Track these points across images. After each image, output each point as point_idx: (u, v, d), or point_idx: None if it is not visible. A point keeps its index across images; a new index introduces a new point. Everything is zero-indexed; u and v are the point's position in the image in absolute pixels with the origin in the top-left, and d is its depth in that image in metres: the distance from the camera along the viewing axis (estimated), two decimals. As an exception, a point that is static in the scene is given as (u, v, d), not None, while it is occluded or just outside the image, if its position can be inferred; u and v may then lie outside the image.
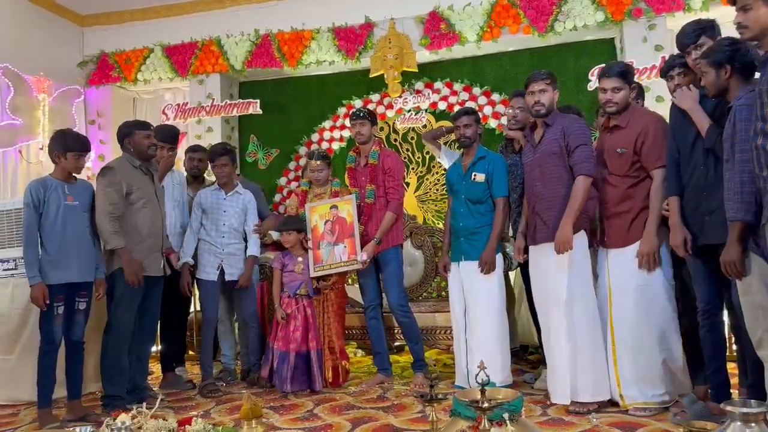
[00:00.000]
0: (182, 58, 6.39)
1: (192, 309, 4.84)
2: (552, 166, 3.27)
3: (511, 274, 4.55)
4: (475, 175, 3.75)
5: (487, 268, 3.63)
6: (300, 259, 4.04)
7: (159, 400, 2.76)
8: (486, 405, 1.87)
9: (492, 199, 3.72)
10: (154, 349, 4.46)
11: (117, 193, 3.54)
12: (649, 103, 4.59)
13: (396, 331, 4.37)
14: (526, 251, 3.55)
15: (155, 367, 4.64)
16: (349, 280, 5.17)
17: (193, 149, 4.75)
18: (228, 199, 4.23)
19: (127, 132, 3.71)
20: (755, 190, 2.26)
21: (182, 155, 4.92)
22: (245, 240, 4.24)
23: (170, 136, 4.25)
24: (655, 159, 3.06)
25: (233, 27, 6.29)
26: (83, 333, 3.54)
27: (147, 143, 3.69)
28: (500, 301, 3.69)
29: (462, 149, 3.92)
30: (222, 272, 4.15)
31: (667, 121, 3.14)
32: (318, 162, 4.15)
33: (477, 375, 1.93)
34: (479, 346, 3.59)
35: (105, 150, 6.58)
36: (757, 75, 2.49)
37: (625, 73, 3.20)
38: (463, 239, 3.75)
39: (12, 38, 5.86)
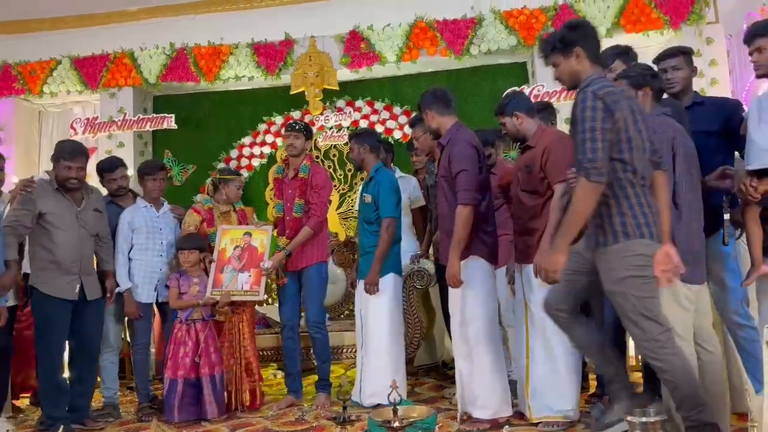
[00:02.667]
0: (92, 71, 6.13)
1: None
2: (444, 190, 3.33)
3: (433, 290, 4.61)
4: (364, 195, 3.90)
5: (370, 289, 3.72)
6: (196, 280, 3.87)
7: None
8: (397, 425, 1.87)
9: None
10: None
11: (27, 213, 3.47)
12: (560, 124, 4.81)
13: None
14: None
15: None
16: (269, 300, 5.09)
17: (112, 167, 4.20)
18: (161, 217, 4.07)
19: (54, 157, 3.66)
20: None
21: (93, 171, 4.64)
22: None
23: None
24: (556, 174, 3.13)
25: (148, 40, 6.11)
26: None
27: (65, 175, 3.60)
28: (390, 322, 3.76)
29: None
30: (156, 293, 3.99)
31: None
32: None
33: (389, 394, 1.93)
34: (370, 363, 3.70)
35: (7, 166, 6.16)
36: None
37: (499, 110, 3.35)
38: (361, 257, 3.91)
39: None
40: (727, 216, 2.77)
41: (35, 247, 3.60)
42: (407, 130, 5.63)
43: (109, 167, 4.18)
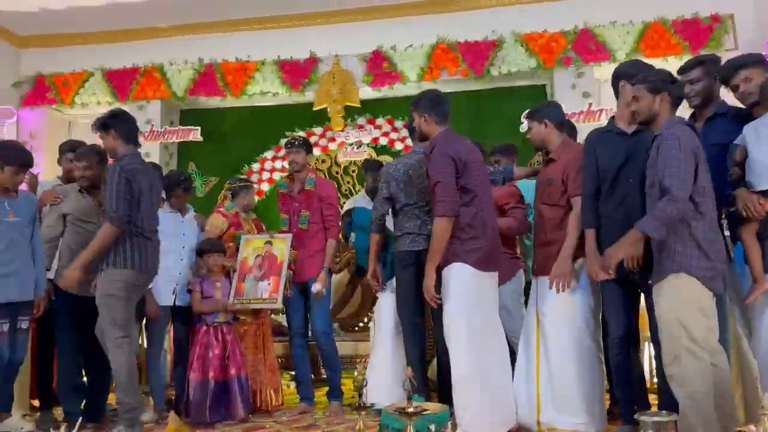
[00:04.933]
0: (123, 83, 6.34)
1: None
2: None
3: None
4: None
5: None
6: (218, 284, 3.92)
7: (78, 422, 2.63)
8: (411, 410, 1.91)
9: None
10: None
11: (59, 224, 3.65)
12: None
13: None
14: None
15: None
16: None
17: None
18: (186, 222, 4.17)
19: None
20: None
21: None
22: None
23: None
24: (576, 187, 3.17)
25: (177, 55, 6.31)
26: (24, 352, 3.42)
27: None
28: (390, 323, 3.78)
29: None
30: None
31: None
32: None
33: (404, 383, 1.97)
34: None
35: (37, 173, 6.36)
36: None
37: (530, 113, 3.41)
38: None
39: (-57, 53, 5.69)
40: (727, 233, 2.79)
41: (62, 246, 3.69)
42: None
43: None
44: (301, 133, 6.23)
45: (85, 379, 3.81)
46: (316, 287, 3.88)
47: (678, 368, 2.48)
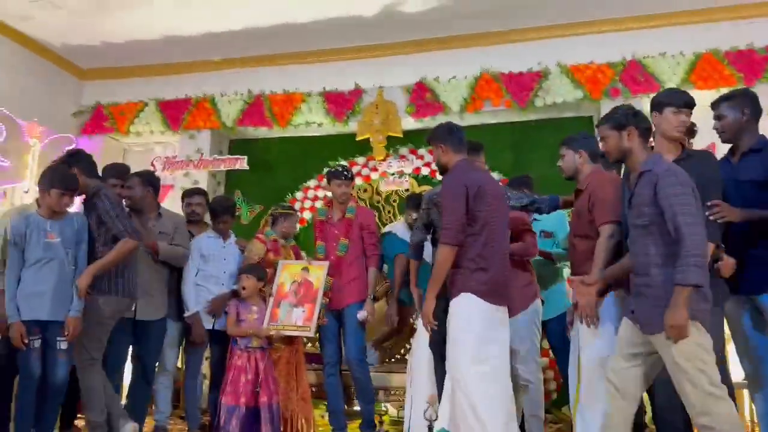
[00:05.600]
0: (175, 113, 6.57)
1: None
2: None
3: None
4: None
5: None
6: (255, 308, 3.95)
7: None
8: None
9: None
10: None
11: None
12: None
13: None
14: None
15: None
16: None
17: (191, 193, 4.64)
18: (227, 247, 4.24)
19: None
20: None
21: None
22: None
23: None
24: (601, 215, 3.03)
25: (228, 87, 6.51)
26: (64, 373, 3.39)
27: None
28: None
29: None
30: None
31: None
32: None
33: (426, 411, 1.92)
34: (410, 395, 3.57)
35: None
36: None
37: (567, 141, 3.34)
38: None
39: (12, 84, 6.04)
40: None
41: None
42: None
43: (190, 192, 4.57)
44: (344, 163, 6.30)
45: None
46: (362, 314, 3.89)
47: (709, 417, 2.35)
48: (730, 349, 3.26)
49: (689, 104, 2.89)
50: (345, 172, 4.19)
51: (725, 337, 3.04)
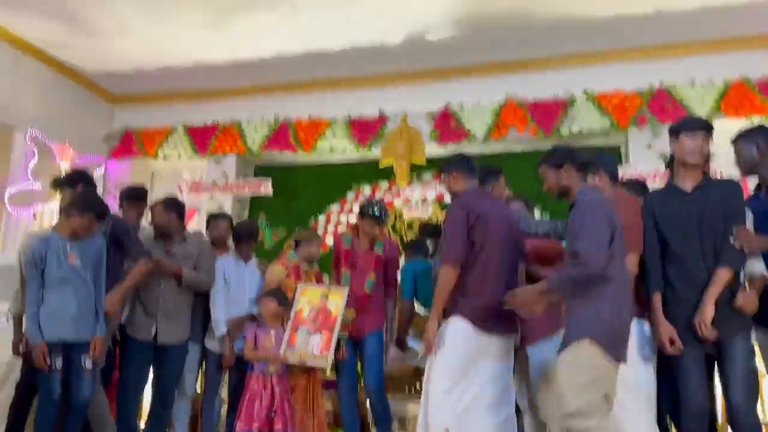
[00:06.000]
0: (203, 138, 6.67)
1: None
2: None
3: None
4: None
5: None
6: (273, 332, 3.89)
7: None
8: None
9: None
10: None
11: None
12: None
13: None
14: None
15: None
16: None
17: (216, 218, 4.66)
18: (248, 270, 4.25)
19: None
20: None
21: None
22: None
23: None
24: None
25: (254, 113, 6.59)
26: (91, 394, 3.38)
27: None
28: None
29: None
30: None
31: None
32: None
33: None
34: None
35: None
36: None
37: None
38: None
39: (44, 107, 6.20)
40: None
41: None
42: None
43: (215, 217, 4.61)
44: (367, 187, 6.30)
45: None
46: (391, 352, 4.03)
47: None
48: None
49: (703, 128, 2.89)
50: (381, 216, 4.10)
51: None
